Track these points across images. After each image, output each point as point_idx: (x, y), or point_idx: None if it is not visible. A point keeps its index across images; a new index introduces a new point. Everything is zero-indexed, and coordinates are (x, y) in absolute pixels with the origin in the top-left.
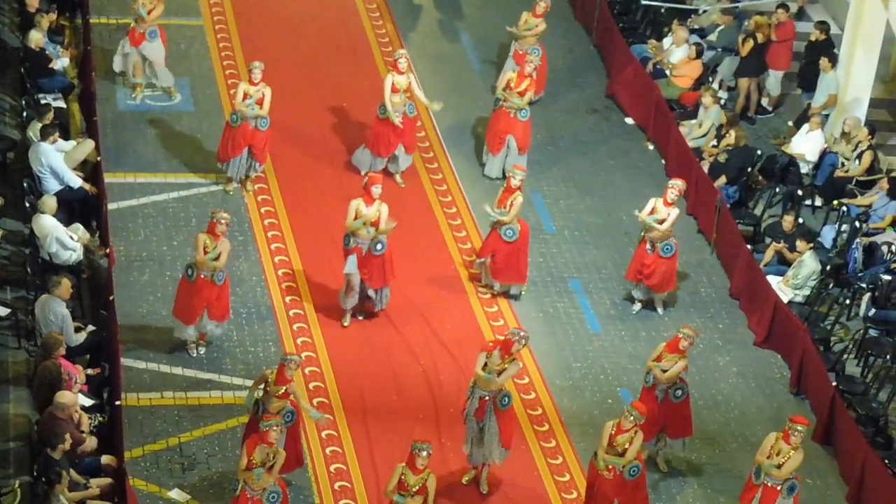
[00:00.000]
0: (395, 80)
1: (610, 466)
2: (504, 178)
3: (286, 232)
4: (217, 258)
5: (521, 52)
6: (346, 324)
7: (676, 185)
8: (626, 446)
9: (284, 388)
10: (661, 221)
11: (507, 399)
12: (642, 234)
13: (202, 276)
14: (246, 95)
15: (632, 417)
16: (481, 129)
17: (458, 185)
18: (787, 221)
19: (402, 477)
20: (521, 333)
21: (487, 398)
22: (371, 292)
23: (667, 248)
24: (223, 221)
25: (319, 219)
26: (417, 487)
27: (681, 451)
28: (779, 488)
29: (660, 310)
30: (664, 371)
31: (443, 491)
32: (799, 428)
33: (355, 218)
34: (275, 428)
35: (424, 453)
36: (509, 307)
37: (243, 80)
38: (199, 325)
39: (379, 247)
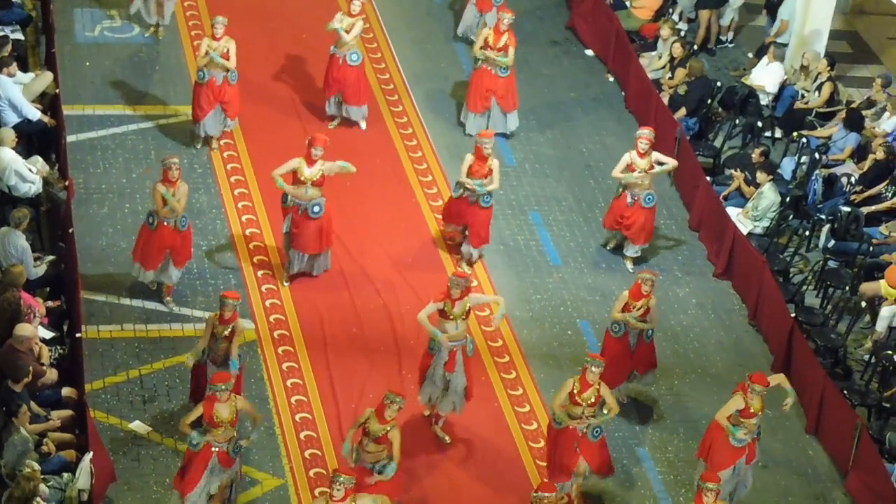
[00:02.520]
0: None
1: (577, 423)
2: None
3: (245, 164)
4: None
5: None
6: (285, 283)
7: (643, 135)
8: (592, 400)
9: (230, 327)
10: (647, 170)
11: (472, 344)
12: (620, 189)
13: (164, 224)
14: (209, 52)
15: (595, 370)
16: (444, 64)
17: (422, 127)
18: (756, 154)
19: (367, 422)
20: (457, 280)
21: (457, 349)
22: (304, 257)
23: (649, 199)
24: (174, 166)
25: (279, 150)
26: (379, 435)
27: (652, 384)
28: (756, 437)
29: (629, 265)
30: (643, 320)
31: (405, 424)
32: (757, 388)
33: (294, 178)
34: (220, 392)
35: (395, 406)
36: None
37: (207, 34)
38: (159, 272)
39: (316, 209)
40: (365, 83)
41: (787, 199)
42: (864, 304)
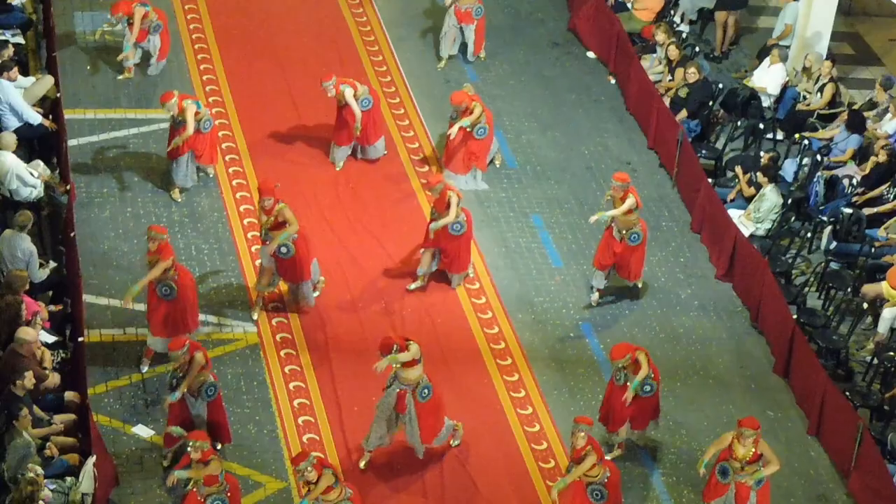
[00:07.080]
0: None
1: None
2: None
3: (247, 167)
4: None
5: (463, 10)
6: (255, 316)
7: (614, 184)
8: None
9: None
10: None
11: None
12: (607, 224)
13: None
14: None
15: (582, 434)
16: (449, 78)
17: (427, 135)
18: (765, 158)
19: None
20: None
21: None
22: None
23: (634, 237)
24: (153, 241)
25: (282, 150)
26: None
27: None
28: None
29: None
30: (633, 373)
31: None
32: (747, 433)
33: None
34: (191, 449)
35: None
36: (474, 243)
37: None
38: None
39: (284, 250)
40: (380, 117)
41: (789, 201)
42: (865, 305)
